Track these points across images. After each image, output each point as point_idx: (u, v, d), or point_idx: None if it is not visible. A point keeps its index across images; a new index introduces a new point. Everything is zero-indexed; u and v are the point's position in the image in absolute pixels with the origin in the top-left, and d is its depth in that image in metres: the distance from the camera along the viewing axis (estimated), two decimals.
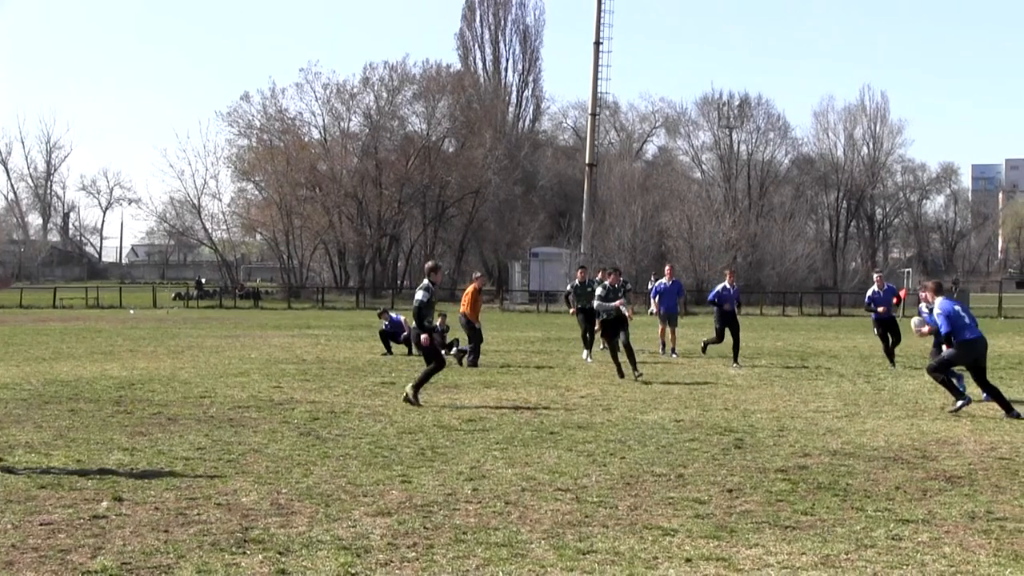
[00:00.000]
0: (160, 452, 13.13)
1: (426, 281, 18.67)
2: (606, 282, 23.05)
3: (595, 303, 23.04)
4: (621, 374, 22.25)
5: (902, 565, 8.36)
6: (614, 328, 22.74)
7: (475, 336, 26.21)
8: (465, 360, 25.98)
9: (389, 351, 29.08)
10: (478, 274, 29.30)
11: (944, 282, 21.06)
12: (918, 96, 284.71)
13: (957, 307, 17.66)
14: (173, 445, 13.57)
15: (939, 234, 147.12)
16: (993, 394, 17.44)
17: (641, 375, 22.10)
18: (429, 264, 19.34)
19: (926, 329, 18.61)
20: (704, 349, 28.32)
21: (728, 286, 26.82)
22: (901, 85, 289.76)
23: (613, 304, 22.37)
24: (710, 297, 27.92)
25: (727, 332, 26.58)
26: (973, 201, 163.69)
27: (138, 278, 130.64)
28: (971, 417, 16.79)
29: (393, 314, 30.86)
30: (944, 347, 17.99)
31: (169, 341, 34.37)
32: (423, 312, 18.41)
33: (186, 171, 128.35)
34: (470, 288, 27.82)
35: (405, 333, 29.38)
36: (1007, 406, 16.97)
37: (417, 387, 18.19)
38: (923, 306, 19.32)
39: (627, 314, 22.70)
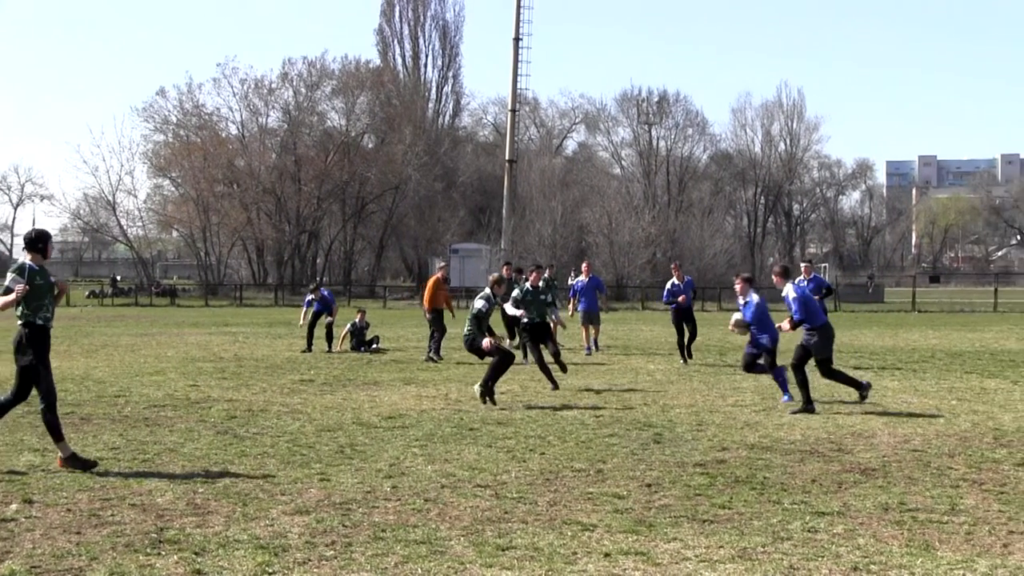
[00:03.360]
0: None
1: (488, 291, 18.45)
2: (527, 284, 21.77)
3: (506, 306, 21.57)
4: (554, 384, 20.00)
5: (817, 557, 8.43)
6: (539, 335, 21.27)
7: (438, 327, 25.97)
8: (430, 353, 25.94)
9: (310, 348, 28.89)
10: (441, 263, 28.83)
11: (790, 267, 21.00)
12: (834, 93, 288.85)
13: (807, 291, 17.73)
14: (87, 445, 13.38)
15: (855, 229, 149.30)
16: (802, 380, 17.58)
17: (555, 387, 19.84)
18: (493, 276, 19.05)
19: (737, 325, 18.45)
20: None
21: (676, 282, 26.74)
22: (818, 82, 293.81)
23: (518, 312, 20.77)
24: (664, 299, 27.60)
25: (684, 327, 26.31)
26: (888, 197, 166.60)
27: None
28: (885, 410, 16.97)
29: (325, 291, 30.59)
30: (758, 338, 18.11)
31: (83, 340, 33.96)
32: (482, 320, 18.10)
33: (100, 167, 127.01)
34: (431, 279, 27.54)
35: (331, 319, 29.28)
36: (807, 395, 17.19)
37: (488, 386, 17.67)
38: (740, 300, 19.18)
39: (552, 323, 21.80)
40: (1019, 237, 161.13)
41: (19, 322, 11.86)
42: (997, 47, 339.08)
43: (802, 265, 26.39)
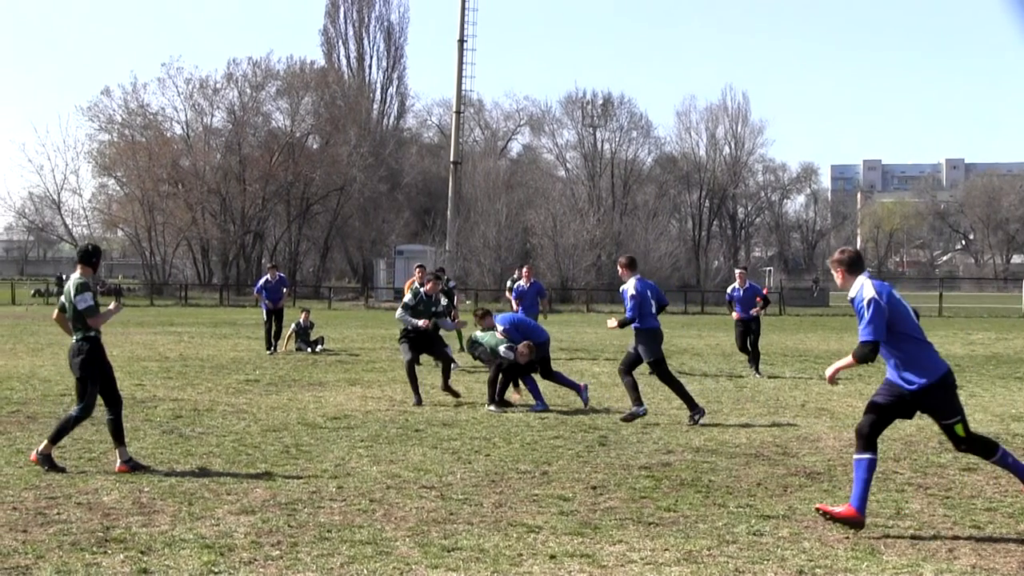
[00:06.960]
0: (19, 451, 12.90)
1: (514, 347, 18.08)
2: (422, 289, 19.42)
3: (397, 312, 19.44)
4: (418, 398, 18.27)
5: (763, 560, 8.50)
6: (421, 345, 19.14)
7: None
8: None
9: (270, 346, 28.59)
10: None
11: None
12: (779, 97, 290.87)
13: (649, 291, 16.55)
14: (32, 444, 13.27)
15: (799, 233, 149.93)
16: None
17: (459, 394, 18.84)
18: (523, 348, 18.22)
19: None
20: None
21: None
22: (762, 86, 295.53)
23: (419, 322, 18.70)
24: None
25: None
26: (832, 201, 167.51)
27: None
28: (830, 414, 17.11)
29: (281, 273, 30.45)
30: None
31: (28, 338, 33.64)
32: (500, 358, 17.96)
33: (45, 166, 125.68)
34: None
35: (280, 305, 29.02)
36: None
37: (500, 397, 17.83)
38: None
39: (422, 325, 18.94)
40: (964, 242, 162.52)
41: (80, 337, 12.16)
42: (942, 52, 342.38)
43: (737, 272, 25.66)
